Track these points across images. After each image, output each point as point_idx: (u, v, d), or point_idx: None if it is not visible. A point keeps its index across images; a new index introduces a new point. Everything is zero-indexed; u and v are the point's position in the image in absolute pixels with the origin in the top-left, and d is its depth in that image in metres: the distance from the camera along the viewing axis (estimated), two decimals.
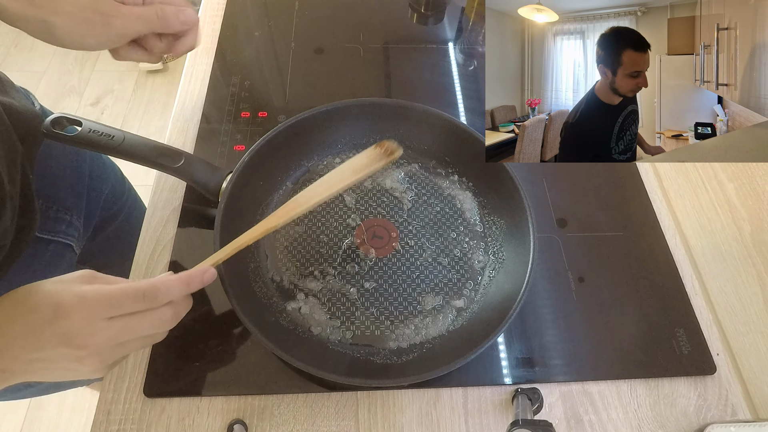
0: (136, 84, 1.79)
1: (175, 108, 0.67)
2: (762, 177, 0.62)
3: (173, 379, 0.47)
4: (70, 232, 0.60)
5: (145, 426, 0.45)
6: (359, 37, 0.77)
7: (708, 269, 0.56)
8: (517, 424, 0.41)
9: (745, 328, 0.52)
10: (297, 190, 0.57)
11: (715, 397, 0.49)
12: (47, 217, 0.57)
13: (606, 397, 0.48)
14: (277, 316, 0.49)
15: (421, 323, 0.50)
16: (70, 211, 0.60)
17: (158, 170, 0.54)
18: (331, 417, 0.46)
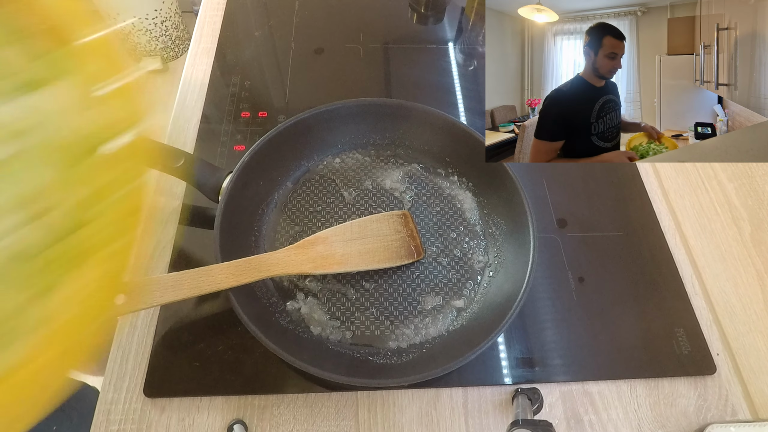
0: None
1: (175, 108, 0.67)
2: (762, 177, 0.62)
3: (173, 379, 0.47)
4: None
5: (145, 426, 0.45)
6: (359, 37, 0.77)
7: (708, 269, 0.56)
8: (517, 424, 0.41)
9: (745, 328, 0.52)
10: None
11: (715, 397, 0.49)
12: None
13: (606, 397, 0.48)
14: (277, 316, 0.49)
15: (421, 323, 0.50)
16: None
17: (158, 170, 0.54)
18: (331, 417, 0.46)
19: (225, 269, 0.45)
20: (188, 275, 0.45)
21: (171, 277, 0.45)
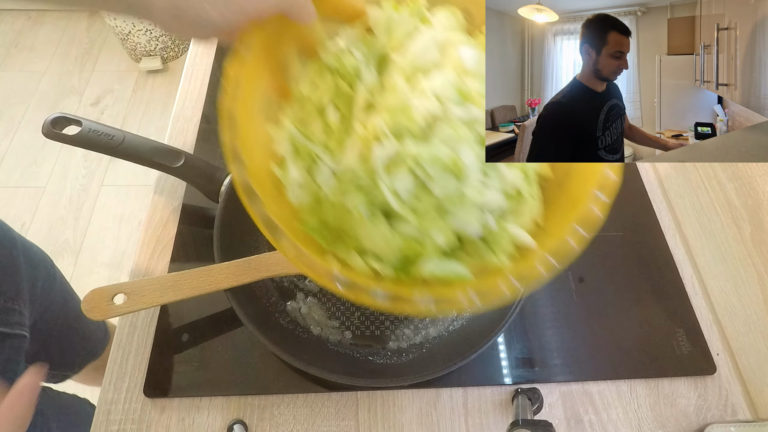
0: (136, 84, 1.78)
1: (175, 108, 0.67)
2: (762, 177, 0.62)
3: (173, 379, 0.47)
4: (23, 322, 0.57)
5: (145, 426, 0.45)
6: None
7: (708, 269, 0.56)
8: (517, 424, 0.41)
9: (745, 328, 0.52)
10: None
11: (715, 397, 0.49)
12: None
13: (606, 397, 0.48)
14: (277, 316, 0.49)
15: (421, 323, 0.50)
16: (16, 301, 0.57)
17: (158, 170, 0.54)
18: (331, 417, 0.46)
19: (225, 269, 0.45)
20: (188, 275, 0.45)
21: (171, 277, 0.45)
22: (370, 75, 0.38)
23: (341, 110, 0.39)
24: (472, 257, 0.37)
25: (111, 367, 0.48)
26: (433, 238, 0.34)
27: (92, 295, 0.44)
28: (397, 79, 0.37)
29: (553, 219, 0.37)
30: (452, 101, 0.36)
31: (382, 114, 0.36)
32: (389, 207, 0.34)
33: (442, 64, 0.38)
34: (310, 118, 0.39)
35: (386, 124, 0.35)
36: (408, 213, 0.34)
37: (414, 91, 0.36)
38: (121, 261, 1.38)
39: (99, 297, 0.44)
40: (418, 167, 0.34)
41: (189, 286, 0.45)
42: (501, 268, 0.35)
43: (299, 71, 0.41)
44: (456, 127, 0.35)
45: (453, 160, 0.34)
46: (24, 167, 1.55)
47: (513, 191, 0.37)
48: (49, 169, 1.55)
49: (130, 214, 1.47)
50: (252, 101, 0.36)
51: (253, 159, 0.34)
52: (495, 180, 0.36)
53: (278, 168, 0.37)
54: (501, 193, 0.36)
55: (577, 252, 0.33)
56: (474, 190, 0.35)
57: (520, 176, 0.37)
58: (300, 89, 0.40)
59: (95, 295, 0.44)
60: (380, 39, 0.40)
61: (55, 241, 1.40)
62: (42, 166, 1.56)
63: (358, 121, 0.37)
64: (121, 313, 0.44)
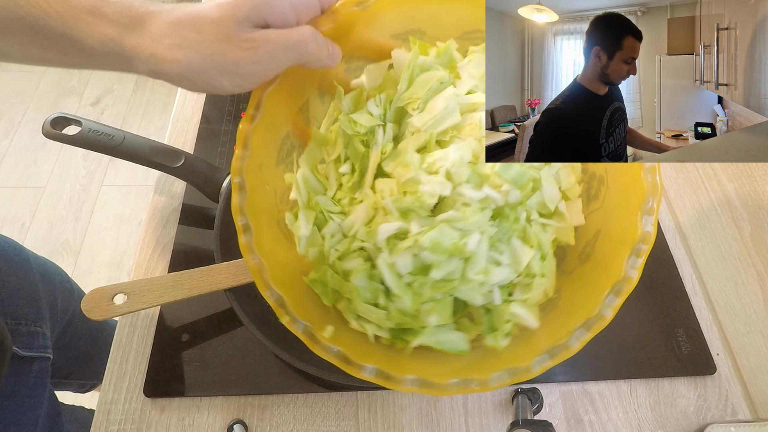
0: (136, 84, 1.78)
1: (175, 108, 0.67)
2: (762, 177, 0.62)
3: (173, 379, 0.47)
4: (47, 344, 0.58)
5: (145, 426, 0.45)
6: None
7: (708, 269, 0.56)
8: (517, 424, 0.41)
9: (745, 328, 0.52)
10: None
11: (715, 397, 0.49)
12: (20, 333, 0.54)
13: (606, 397, 0.48)
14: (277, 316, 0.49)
15: None
16: (38, 323, 0.57)
17: (158, 170, 0.54)
18: (331, 417, 0.46)
19: (225, 269, 0.45)
20: (188, 275, 0.45)
21: (171, 277, 0.45)
22: (385, 138, 0.37)
23: (354, 165, 0.38)
24: (476, 324, 0.37)
25: (111, 367, 0.48)
26: (427, 320, 0.34)
27: (92, 295, 0.44)
28: (410, 152, 0.36)
29: (574, 295, 0.36)
30: (465, 182, 0.34)
31: (391, 186, 0.35)
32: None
33: (461, 128, 0.36)
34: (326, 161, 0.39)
35: (393, 201, 0.34)
36: (404, 292, 0.34)
37: (425, 165, 0.35)
38: (121, 261, 1.38)
39: (99, 297, 0.44)
40: (419, 250, 0.33)
41: (189, 286, 0.45)
42: (497, 349, 0.34)
43: (318, 108, 0.40)
44: (465, 211, 0.34)
45: (457, 246, 0.33)
46: (24, 167, 1.55)
47: (524, 270, 0.36)
48: (49, 169, 1.55)
49: (130, 214, 1.47)
50: (264, 159, 0.36)
51: (260, 224, 0.35)
52: (506, 256, 0.35)
53: (290, 215, 0.37)
54: (511, 269, 0.35)
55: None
56: (479, 274, 0.34)
57: (535, 254, 0.36)
58: (319, 130, 0.40)
59: (95, 295, 0.44)
60: (401, 86, 0.37)
61: (55, 241, 1.40)
62: (42, 166, 1.56)
63: (368, 186, 0.37)
64: (121, 313, 0.44)
